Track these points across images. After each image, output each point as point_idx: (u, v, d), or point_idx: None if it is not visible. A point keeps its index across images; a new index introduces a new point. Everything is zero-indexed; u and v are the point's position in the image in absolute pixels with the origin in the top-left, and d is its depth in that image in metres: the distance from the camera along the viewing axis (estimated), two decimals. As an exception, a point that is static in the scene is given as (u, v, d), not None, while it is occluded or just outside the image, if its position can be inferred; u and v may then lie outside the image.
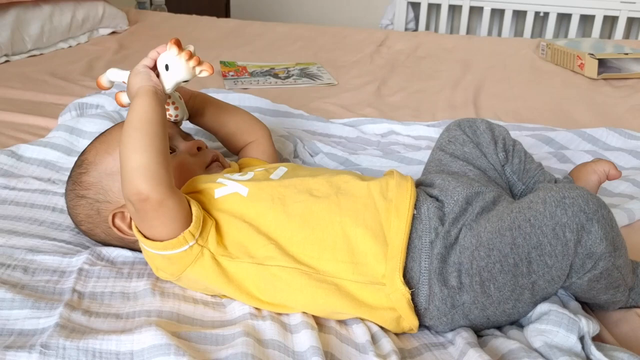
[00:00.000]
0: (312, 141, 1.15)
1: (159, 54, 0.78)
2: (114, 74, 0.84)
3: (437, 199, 0.75)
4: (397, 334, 0.70)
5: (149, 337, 0.60)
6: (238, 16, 3.33)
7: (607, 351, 0.62)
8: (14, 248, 0.77)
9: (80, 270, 0.73)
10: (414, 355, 0.66)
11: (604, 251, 0.62)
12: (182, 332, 0.63)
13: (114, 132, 0.83)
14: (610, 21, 2.80)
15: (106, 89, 0.86)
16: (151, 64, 0.78)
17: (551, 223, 0.62)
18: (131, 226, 0.77)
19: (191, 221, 0.68)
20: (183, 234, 0.67)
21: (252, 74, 1.70)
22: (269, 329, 0.65)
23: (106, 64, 1.74)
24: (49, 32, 1.84)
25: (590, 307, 0.72)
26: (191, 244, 0.68)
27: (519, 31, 2.96)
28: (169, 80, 0.77)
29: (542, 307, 0.66)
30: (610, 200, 0.97)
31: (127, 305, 0.69)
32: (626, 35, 2.78)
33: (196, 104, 0.94)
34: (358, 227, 0.69)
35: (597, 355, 0.61)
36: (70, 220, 0.84)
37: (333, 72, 1.75)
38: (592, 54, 1.73)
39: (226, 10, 3.45)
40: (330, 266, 0.68)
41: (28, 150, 1.05)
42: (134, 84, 0.75)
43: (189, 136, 0.89)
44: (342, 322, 0.70)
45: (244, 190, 0.73)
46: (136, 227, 0.70)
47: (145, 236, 0.69)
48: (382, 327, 0.69)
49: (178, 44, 0.76)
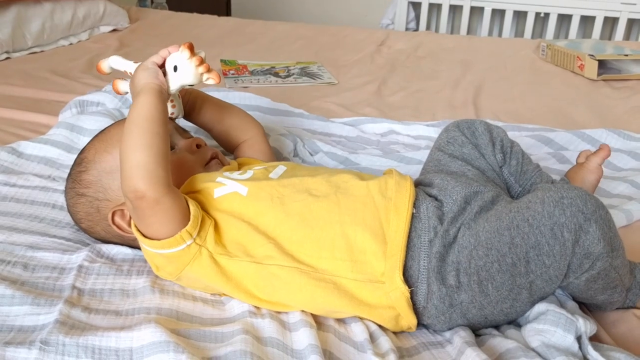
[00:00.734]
0: (312, 140, 1.15)
1: (169, 53, 0.78)
2: (117, 62, 0.84)
3: (436, 199, 0.75)
4: (395, 333, 0.70)
5: (148, 334, 0.61)
6: (239, 15, 3.33)
7: (604, 351, 0.62)
8: (14, 244, 0.77)
9: (80, 267, 0.73)
10: (412, 354, 0.66)
11: (601, 251, 0.62)
12: (182, 330, 0.63)
13: (113, 131, 0.83)
14: (610, 22, 2.80)
15: (104, 74, 0.87)
16: (160, 62, 0.78)
17: (549, 223, 0.62)
18: (131, 224, 0.77)
19: (189, 220, 0.68)
20: (180, 232, 0.67)
21: (252, 73, 1.70)
22: (267, 327, 0.65)
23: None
24: (49, 29, 1.84)
25: (587, 307, 0.73)
26: (188, 242, 0.68)
27: (519, 32, 2.96)
28: (175, 81, 0.77)
29: (539, 306, 0.66)
30: (608, 201, 0.97)
31: (126, 302, 0.69)
32: (626, 37, 2.78)
33: (190, 100, 0.94)
34: (357, 225, 0.69)
35: (594, 355, 0.61)
36: (70, 218, 0.84)
37: (333, 72, 1.75)
38: (592, 55, 1.73)
39: (227, 8, 3.45)
40: (329, 264, 0.68)
41: (28, 147, 1.05)
42: (141, 79, 0.76)
43: (186, 132, 0.89)
44: (340, 321, 0.70)
45: (243, 189, 0.74)
46: (135, 226, 0.70)
47: (143, 234, 0.69)
48: (380, 326, 0.69)
49: (191, 48, 0.77)
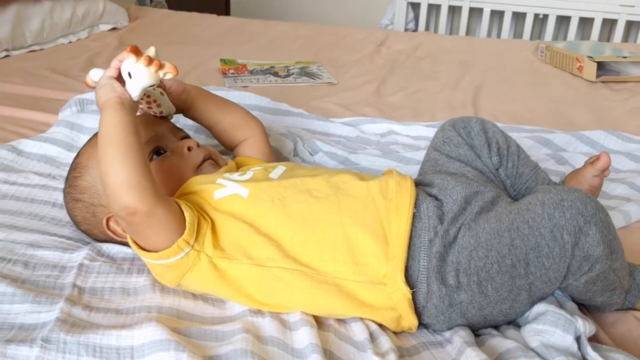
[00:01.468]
0: (311, 140, 1.15)
1: (121, 62, 0.75)
2: (95, 73, 0.83)
3: (436, 198, 0.75)
4: (395, 333, 0.70)
5: (149, 333, 0.61)
6: (238, 14, 3.33)
7: (603, 352, 0.62)
8: (15, 243, 0.77)
9: (81, 265, 0.73)
10: (412, 353, 0.67)
11: (600, 254, 0.63)
12: (182, 328, 0.64)
13: None
14: (609, 24, 2.81)
15: (92, 88, 0.85)
16: (115, 74, 0.75)
17: (549, 225, 0.62)
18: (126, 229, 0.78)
19: (185, 227, 0.68)
20: (177, 242, 0.67)
21: (252, 72, 1.70)
22: (268, 326, 0.65)
23: (106, 59, 1.74)
24: (49, 27, 1.84)
25: (586, 308, 0.73)
26: (187, 250, 0.68)
27: (518, 33, 2.96)
28: (134, 88, 0.74)
29: (539, 307, 0.67)
30: (607, 202, 0.98)
31: (127, 300, 0.69)
32: (625, 39, 2.79)
33: (189, 99, 0.92)
34: (358, 226, 0.70)
35: (593, 355, 0.61)
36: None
37: (333, 72, 1.75)
38: (591, 57, 1.73)
39: (226, 8, 3.44)
40: (331, 266, 0.68)
41: (28, 145, 1.05)
42: (100, 97, 0.74)
43: (181, 132, 0.89)
44: (340, 320, 0.70)
45: (244, 191, 0.73)
46: (131, 239, 0.70)
47: (141, 247, 0.69)
48: (380, 326, 0.69)
49: (135, 51, 0.74)
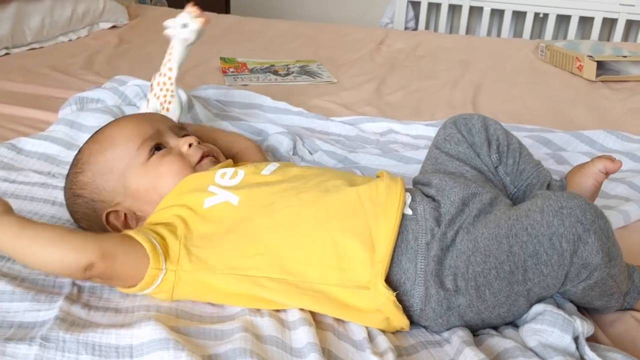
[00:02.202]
0: (311, 139, 1.15)
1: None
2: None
3: (434, 199, 0.75)
4: (393, 332, 0.70)
5: (148, 332, 0.61)
6: (238, 12, 3.32)
7: (601, 351, 0.62)
8: (14, 241, 0.77)
9: (80, 264, 0.73)
10: (410, 352, 0.67)
11: (599, 262, 0.63)
12: (181, 327, 0.64)
13: (106, 131, 0.83)
14: (609, 23, 2.80)
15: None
16: None
17: (548, 233, 0.62)
18: (126, 225, 0.78)
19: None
20: (148, 273, 0.67)
21: (252, 71, 1.70)
22: (267, 325, 0.65)
23: (106, 58, 1.74)
24: (49, 25, 1.83)
25: (585, 309, 0.73)
26: (162, 275, 0.68)
27: (518, 32, 2.96)
28: (191, 34, 0.87)
29: (537, 307, 0.67)
30: (606, 202, 0.98)
31: (126, 299, 0.69)
32: (625, 38, 2.79)
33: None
34: (346, 233, 0.69)
35: (591, 355, 0.61)
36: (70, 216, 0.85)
37: (333, 70, 1.75)
38: (590, 56, 1.73)
39: (226, 6, 3.44)
40: (317, 272, 0.68)
41: (28, 143, 1.05)
42: None
43: (183, 130, 0.89)
44: (339, 320, 0.70)
45: (234, 198, 0.74)
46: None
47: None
48: (377, 325, 0.70)
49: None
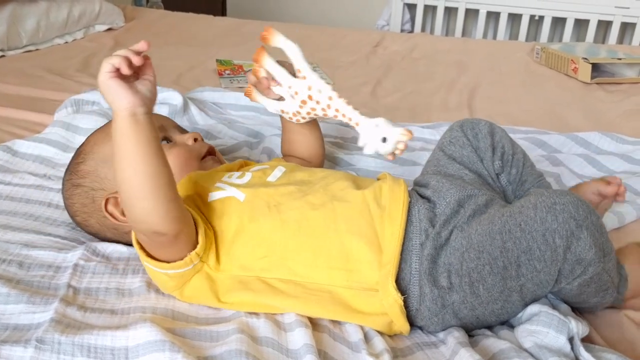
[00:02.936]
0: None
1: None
2: (271, 65, 0.79)
3: (430, 200, 0.76)
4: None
5: (143, 333, 0.61)
6: (234, 15, 3.32)
7: (595, 352, 0.63)
8: (9, 243, 0.77)
9: (76, 265, 0.73)
10: (406, 354, 0.67)
11: (593, 257, 0.63)
12: (177, 329, 0.64)
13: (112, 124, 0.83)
14: (604, 26, 2.81)
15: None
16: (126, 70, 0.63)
17: (541, 229, 0.63)
18: (124, 213, 0.77)
19: (197, 240, 0.68)
20: (190, 255, 0.68)
21: (248, 73, 1.70)
22: (263, 327, 0.65)
23: (102, 60, 1.73)
24: (45, 27, 1.83)
25: (579, 310, 0.73)
26: (195, 262, 0.69)
27: (514, 34, 2.97)
28: (387, 149, 0.76)
29: (532, 308, 0.67)
30: (601, 203, 0.98)
31: (122, 301, 0.69)
32: (620, 40, 2.80)
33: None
34: (353, 235, 0.70)
35: (585, 356, 0.62)
36: (66, 216, 0.85)
37: (329, 72, 1.75)
38: (585, 59, 1.74)
39: (222, 8, 3.44)
40: (324, 273, 0.69)
41: (24, 145, 1.05)
42: (110, 101, 0.63)
43: (184, 131, 0.90)
44: (335, 321, 0.70)
45: (240, 195, 0.74)
46: (138, 244, 0.68)
47: (149, 255, 0.69)
48: (374, 326, 0.70)
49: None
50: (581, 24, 2.83)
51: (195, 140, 0.86)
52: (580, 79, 1.74)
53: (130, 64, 0.63)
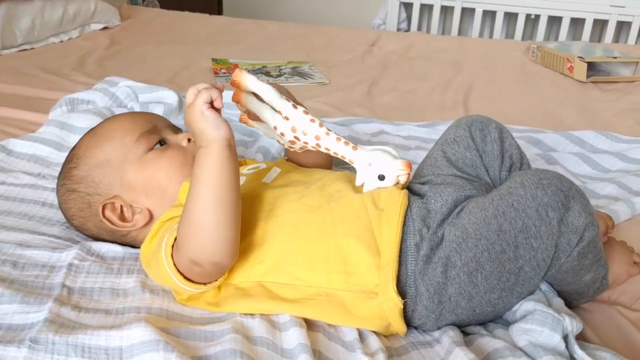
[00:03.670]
0: (303, 140, 1.15)
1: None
2: (251, 80, 0.72)
3: (424, 197, 0.75)
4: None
5: (138, 333, 0.61)
6: (230, 13, 3.32)
7: (590, 350, 0.63)
8: (3, 242, 0.77)
9: (70, 265, 0.73)
10: (400, 353, 0.67)
11: (585, 222, 0.65)
12: (171, 329, 0.64)
13: (103, 127, 0.83)
14: (600, 25, 2.82)
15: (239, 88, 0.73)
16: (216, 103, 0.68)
17: (534, 204, 0.64)
18: (122, 217, 0.77)
19: None
20: (219, 280, 0.68)
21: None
22: (257, 327, 0.65)
23: (97, 59, 1.73)
24: (40, 26, 1.83)
25: (570, 305, 0.73)
26: (219, 283, 0.69)
27: (510, 33, 2.98)
28: (372, 184, 0.74)
29: (527, 305, 0.67)
30: (596, 202, 0.98)
31: (116, 301, 0.69)
32: (615, 39, 2.80)
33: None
34: (351, 237, 0.70)
35: (580, 354, 0.62)
36: (60, 215, 0.84)
37: (325, 71, 1.75)
38: (581, 57, 1.74)
39: (219, 7, 3.44)
40: (323, 276, 0.68)
41: (18, 145, 1.04)
42: (206, 133, 0.66)
43: (178, 129, 0.89)
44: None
45: None
46: (174, 265, 0.66)
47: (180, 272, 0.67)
48: (369, 325, 0.69)
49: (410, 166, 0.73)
50: (577, 23, 2.83)
51: (189, 140, 0.84)
52: (576, 78, 1.74)
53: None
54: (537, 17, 2.82)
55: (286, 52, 1.95)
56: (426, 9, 3.02)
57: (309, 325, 0.68)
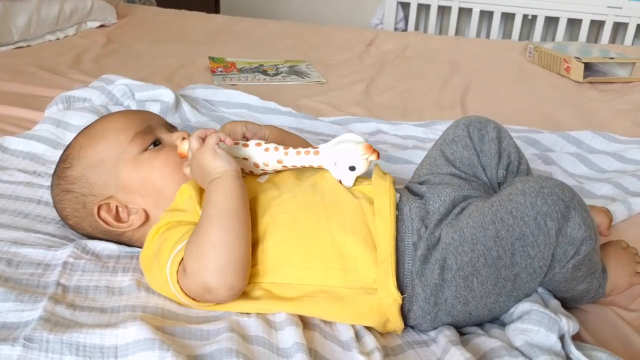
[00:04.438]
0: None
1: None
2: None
3: (422, 197, 0.75)
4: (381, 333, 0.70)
5: (133, 332, 0.60)
6: (228, 12, 3.32)
7: (586, 350, 0.63)
8: (-2, 240, 0.76)
9: (65, 263, 0.73)
10: (397, 352, 0.67)
11: (584, 235, 0.64)
12: (167, 327, 0.63)
13: (97, 126, 0.82)
14: (597, 25, 2.82)
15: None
16: (230, 143, 0.74)
17: (533, 213, 0.63)
18: (118, 217, 0.77)
19: None
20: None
21: (241, 71, 1.70)
22: (253, 325, 0.65)
23: (94, 57, 1.73)
24: (36, 23, 1.82)
25: (567, 306, 0.73)
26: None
27: (507, 33, 2.98)
28: (351, 178, 0.74)
29: (523, 306, 0.67)
30: (592, 202, 0.98)
31: (111, 299, 0.69)
32: (612, 40, 2.81)
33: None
34: (347, 232, 0.69)
35: (576, 354, 0.62)
36: (55, 214, 0.84)
37: (322, 71, 1.75)
38: (578, 58, 1.74)
39: (216, 6, 3.43)
40: (320, 274, 0.68)
41: (14, 142, 1.04)
42: (216, 167, 0.70)
43: (173, 128, 0.88)
44: (325, 320, 0.70)
45: None
46: (178, 284, 0.66)
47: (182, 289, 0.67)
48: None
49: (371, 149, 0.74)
50: (574, 24, 2.84)
51: (184, 139, 0.84)
52: (573, 78, 1.75)
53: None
54: (534, 17, 2.83)
55: (283, 51, 1.95)
56: (423, 8, 3.02)
57: (305, 324, 0.67)
